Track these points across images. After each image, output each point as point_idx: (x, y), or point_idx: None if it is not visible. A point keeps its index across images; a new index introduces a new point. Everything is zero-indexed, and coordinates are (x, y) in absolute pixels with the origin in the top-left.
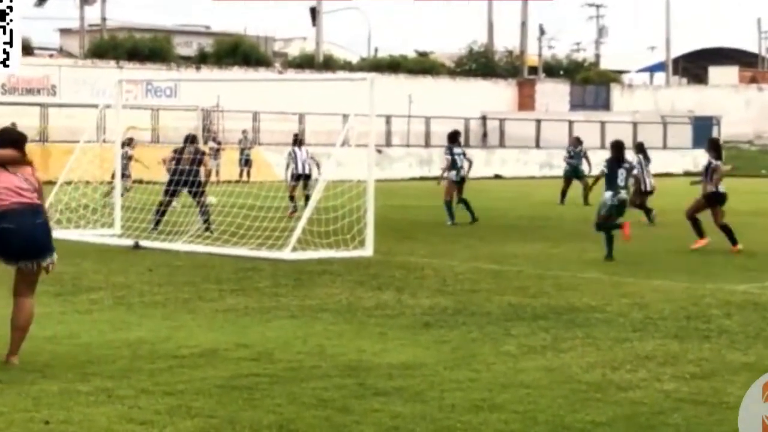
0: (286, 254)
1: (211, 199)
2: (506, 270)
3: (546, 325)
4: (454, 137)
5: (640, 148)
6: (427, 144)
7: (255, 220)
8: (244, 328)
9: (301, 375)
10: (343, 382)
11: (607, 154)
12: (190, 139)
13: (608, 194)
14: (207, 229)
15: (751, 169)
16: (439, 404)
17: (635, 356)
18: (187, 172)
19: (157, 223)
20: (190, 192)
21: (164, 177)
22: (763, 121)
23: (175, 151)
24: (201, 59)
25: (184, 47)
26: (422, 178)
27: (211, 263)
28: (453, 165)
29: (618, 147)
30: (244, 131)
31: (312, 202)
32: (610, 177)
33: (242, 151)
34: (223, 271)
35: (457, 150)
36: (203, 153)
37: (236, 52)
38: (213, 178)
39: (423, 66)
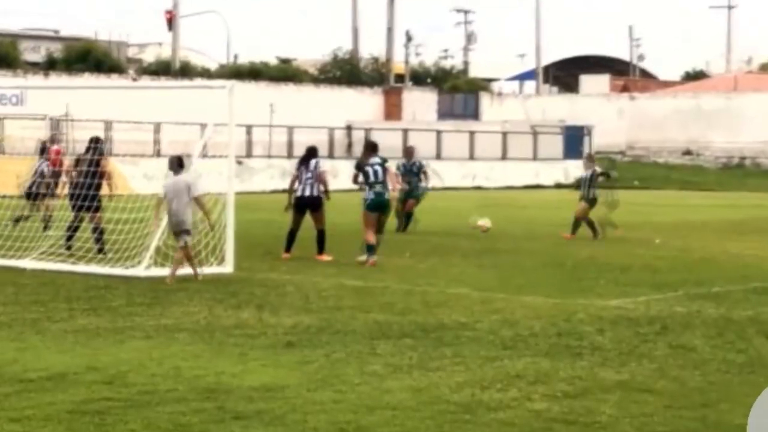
0: (141, 271)
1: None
2: (371, 286)
3: (413, 344)
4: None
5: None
6: (290, 155)
7: (111, 234)
8: (95, 350)
9: (157, 399)
10: (201, 405)
11: (475, 164)
12: (94, 141)
13: None
14: (100, 251)
15: (623, 181)
16: (302, 428)
17: (505, 375)
18: (86, 185)
19: (68, 240)
20: (82, 207)
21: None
22: (635, 131)
23: (77, 160)
24: (49, 65)
25: (32, 53)
26: (285, 191)
27: (61, 281)
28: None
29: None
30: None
31: (165, 219)
32: None
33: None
34: (74, 289)
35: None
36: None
37: (87, 58)
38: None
39: (285, 73)
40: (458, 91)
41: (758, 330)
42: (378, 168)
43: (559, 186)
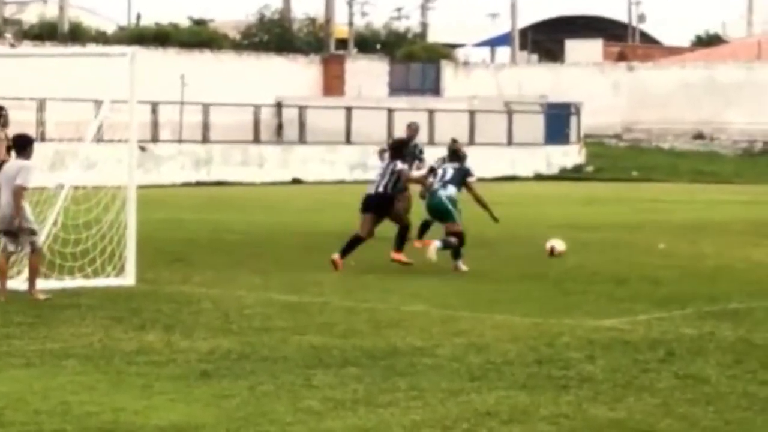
0: (21, 284)
1: None
2: (307, 302)
3: (358, 373)
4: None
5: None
6: (205, 139)
7: None
8: None
9: None
10: None
11: (435, 151)
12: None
13: None
14: None
15: (619, 171)
16: None
17: (473, 412)
18: None
19: None
20: None
21: None
22: (634, 109)
23: None
24: None
25: None
26: (199, 183)
27: None
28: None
29: None
30: None
31: (52, 215)
32: None
33: None
34: None
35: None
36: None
37: None
38: None
39: (199, 37)
40: (415, 60)
41: None
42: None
43: (539, 177)
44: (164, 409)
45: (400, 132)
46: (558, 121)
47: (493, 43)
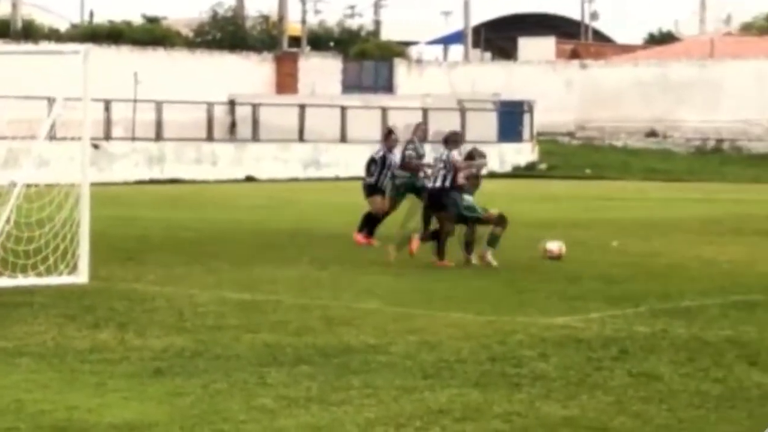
0: None
1: None
2: (260, 300)
3: (311, 372)
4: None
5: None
6: (159, 137)
7: None
8: None
9: None
10: None
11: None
12: None
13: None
14: None
15: (572, 169)
16: None
17: (426, 410)
18: None
19: None
20: None
21: None
22: (587, 107)
23: None
24: None
25: None
26: (153, 181)
27: None
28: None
29: None
30: None
31: (5, 213)
32: None
33: None
34: None
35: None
36: None
37: None
38: None
39: (153, 35)
40: (368, 58)
41: (738, 354)
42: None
43: (492, 175)
44: (118, 407)
45: (354, 129)
46: (511, 119)
47: (446, 41)
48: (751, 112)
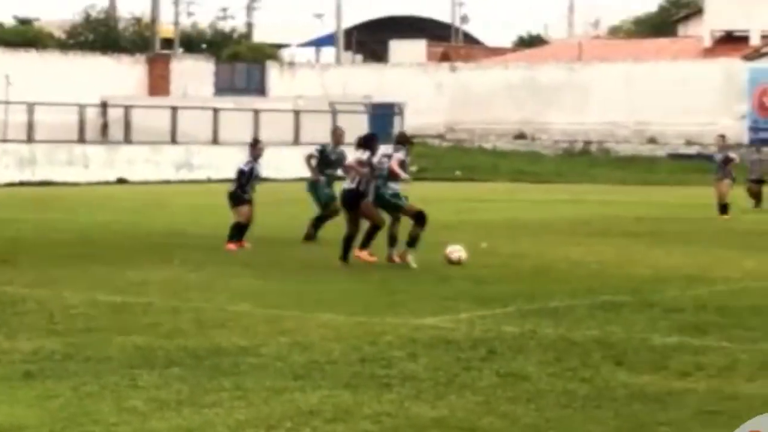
0: None
1: None
2: (131, 302)
3: (183, 374)
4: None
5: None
6: (30, 139)
7: None
8: None
9: None
10: None
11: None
12: None
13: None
14: None
15: (442, 171)
16: None
17: (297, 411)
18: None
19: None
20: None
21: None
22: (457, 110)
23: None
24: None
25: None
26: (23, 183)
27: None
28: None
29: None
30: None
31: None
32: None
33: None
34: None
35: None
36: None
37: None
38: None
39: (24, 36)
40: (240, 60)
41: (605, 354)
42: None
43: None
44: None
45: (227, 131)
46: (382, 121)
47: (318, 43)
48: (618, 115)
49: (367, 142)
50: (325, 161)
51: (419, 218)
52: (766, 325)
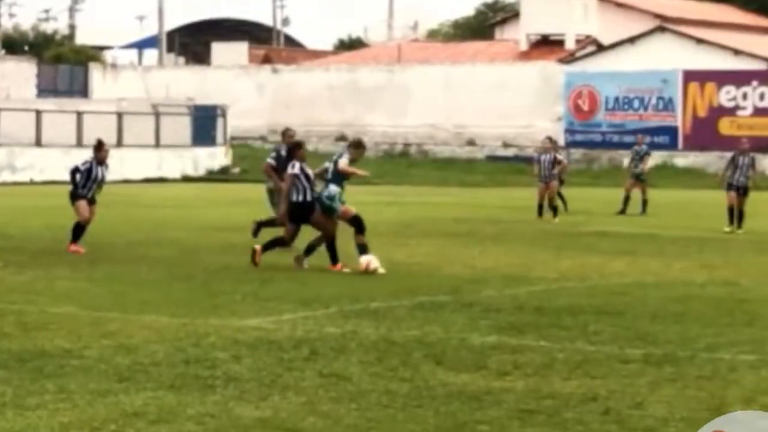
0: None
1: None
2: None
3: (6, 376)
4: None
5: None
6: None
7: None
8: None
9: None
10: None
11: (83, 153)
12: None
13: None
14: None
15: (258, 173)
16: None
17: (121, 413)
18: None
19: None
20: None
21: None
22: (279, 112)
23: None
24: None
25: None
26: None
27: None
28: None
29: None
30: None
31: None
32: None
33: None
34: None
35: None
36: None
37: None
38: None
39: None
40: (63, 62)
41: (426, 354)
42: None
43: (187, 179)
44: None
45: (49, 133)
46: (205, 123)
47: (141, 45)
48: (437, 117)
49: (289, 153)
50: (283, 165)
51: (355, 223)
52: (581, 324)
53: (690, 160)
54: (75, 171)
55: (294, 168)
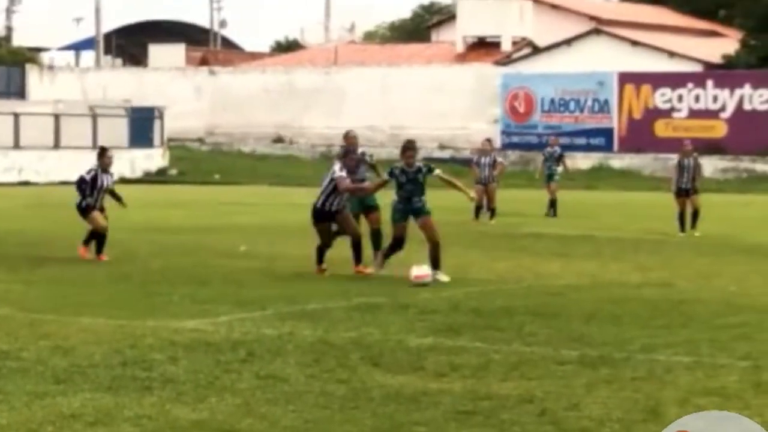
0: None
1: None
2: None
3: None
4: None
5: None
6: None
7: None
8: None
9: None
10: None
11: (21, 155)
12: None
13: None
14: None
15: (202, 174)
16: None
17: (59, 415)
18: None
19: None
20: None
21: None
22: (216, 113)
23: None
24: None
25: None
26: None
27: None
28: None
29: None
30: None
31: None
32: None
33: None
34: None
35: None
36: None
37: None
38: None
39: None
40: (0, 64)
41: (362, 356)
42: None
43: (124, 181)
44: None
45: None
46: (142, 124)
47: (78, 47)
48: (374, 119)
49: (345, 154)
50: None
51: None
52: (517, 325)
53: (626, 161)
54: (81, 182)
55: (343, 172)
